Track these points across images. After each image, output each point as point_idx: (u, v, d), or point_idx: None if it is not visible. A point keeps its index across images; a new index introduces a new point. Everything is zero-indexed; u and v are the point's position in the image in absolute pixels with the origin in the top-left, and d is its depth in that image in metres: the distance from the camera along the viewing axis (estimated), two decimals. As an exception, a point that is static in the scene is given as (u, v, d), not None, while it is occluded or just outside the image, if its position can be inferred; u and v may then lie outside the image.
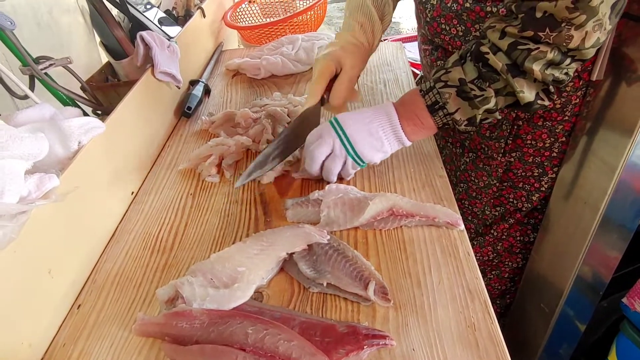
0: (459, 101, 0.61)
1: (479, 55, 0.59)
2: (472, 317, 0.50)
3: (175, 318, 0.49)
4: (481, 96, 0.60)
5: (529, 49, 0.55)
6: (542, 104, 0.60)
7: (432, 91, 0.63)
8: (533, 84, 0.58)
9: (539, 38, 0.55)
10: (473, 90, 0.60)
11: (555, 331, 1.02)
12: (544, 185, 0.86)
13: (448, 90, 0.61)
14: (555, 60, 0.55)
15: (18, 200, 0.47)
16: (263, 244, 0.57)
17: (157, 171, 0.79)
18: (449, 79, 0.61)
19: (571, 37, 0.53)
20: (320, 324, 0.49)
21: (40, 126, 0.57)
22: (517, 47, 0.56)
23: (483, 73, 0.59)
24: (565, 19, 0.52)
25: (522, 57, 0.56)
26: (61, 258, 0.54)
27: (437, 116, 0.63)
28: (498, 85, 0.59)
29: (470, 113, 0.61)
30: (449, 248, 0.59)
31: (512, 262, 1.02)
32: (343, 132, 0.65)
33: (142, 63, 0.83)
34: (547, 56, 0.55)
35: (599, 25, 0.53)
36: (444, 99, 0.62)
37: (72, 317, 0.54)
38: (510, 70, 0.57)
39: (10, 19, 0.65)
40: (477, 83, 0.60)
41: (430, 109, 0.63)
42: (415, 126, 0.65)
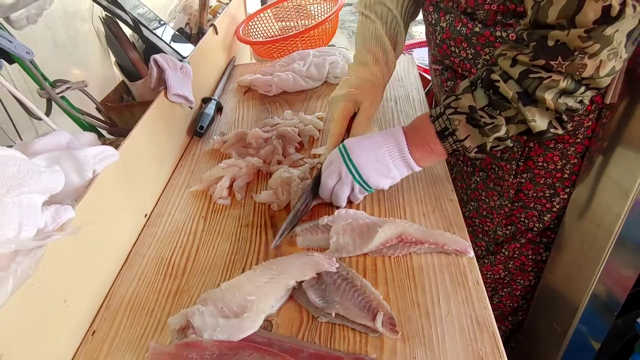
0: (469, 128, 0.60)
1: (489, 82, 0.58)
2: (481, 350, 0.50)
3: (186, 349, 0.50)
4: (491, 124, 0.59)
5: (541, 78, 0.54)
6: (555, 132, 0.59)
7: (442, 117, 0.62)
8: (545, 113, 0.57)
9: (551, 67, 0.53)
10: (483, 117, 0.59)
11: (569, 349, 1.01)
12: (556, 205, 0.85)
13: (458, 117, 0.61)
14: (568, 89, 0.54)
15: (35, 234, 0.48)
16: (273, 273, 0.58)
17: (169, 192, 0.80)
18: (459, 106, 0.61)
19: (585, 66, 0.52)
20: (329, 355, 0.49)
21: (57, 156, 0.58)
22: (528, 76, 0.55)
23: (493, 101, 0.58)
24: (578, 47, 0.51)
25: (534, 86, 0.55)
26: (76, 286, 0.55)
27: (447, 142, 0.63)
28: (509, 113, 0.58)
29: (480, 140, 0.61)
30: (458, 276, 0.59)
31: (524, 280, 1.01)
32: (349, 159, 0.65)
33: (155, 85, 0.84)
34: (559, 85, 0.54)
35: (614, 53, 0.51)
36: (454, 125, 0.61)
37: (87, 344, 0.55)
38: (521, 98, 0.56)
39: (27, 48, 0.67)
40: (488, 110, 0.59)
41: (440, 135, 0.63)
42: (425, 152, 0.65)
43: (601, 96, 0.72)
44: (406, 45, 1.98)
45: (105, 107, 0.89)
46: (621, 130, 0.73)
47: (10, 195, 0.46)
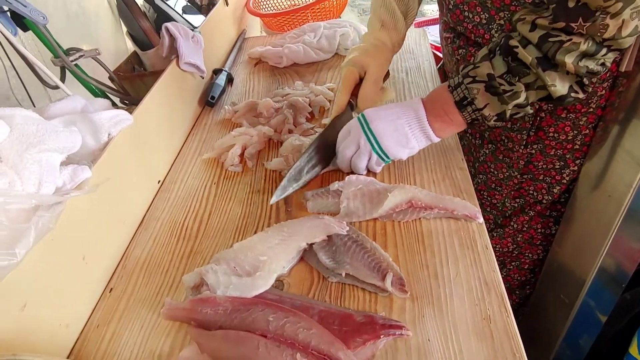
0: (487, 96, 0.59)
1: (507, 49, 0.57)
2: (488, 309, 0.51)
3: (200, 304, 0.51)
4: (510, 91, 0.58)
5: (561, 41, 0.53)
6: (576, 96, 0.57)
7: (460, 87, 0.61)
8: (566, 77, 0.56)
9: (571, 29, 0.52)
10: (502, 85, 0.58)
11: (576, 322, 1.02)
12: (565, 177, 0.85)
13: (476, 86, 0.60)
14: (589, 51, 0.53)
15: (54, 191, 0.50)
16: (284, 234, 0.59)
17: (182, 160, 0.81)
18: (477, 74, 0.60)
19: (606, 27, 0.50)
20: (339, 313, 0.51)
21: (73, 118, 0.59)
22: (548, 40, 0.54)
23: (512, 67, 0.57)
24: (600, 7, 0.49)
25: (554, 50, 0.53)
26: (94, 245, 0.57)
27: (466, 112, 0.62)
28: (528, 79, 0.57)
29: (499, 108, 0.60)
30: (467, 241, 0.59)
31: (533, 254, 1.02)
32: (369, 128, 0.65)
33: (167, 54, 0.85)
34: (580, 47, 0.52)
35: (637, 12, 0.49)
36: (473, 94, 0.60)
37: (105, 300, 0.57)
38: (540, 63, 0.55)
39: (42, 13, 0.67)
40: (507, 78, 0.58)
41: (459, 104, 0.62)
42: (444, 122, 0.64)
43: (616, 64, 0.71)
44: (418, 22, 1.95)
45: (117, 77, 0.90)
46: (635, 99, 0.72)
47: (30, 152, 0.47)
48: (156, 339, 0.51)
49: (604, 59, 0.55)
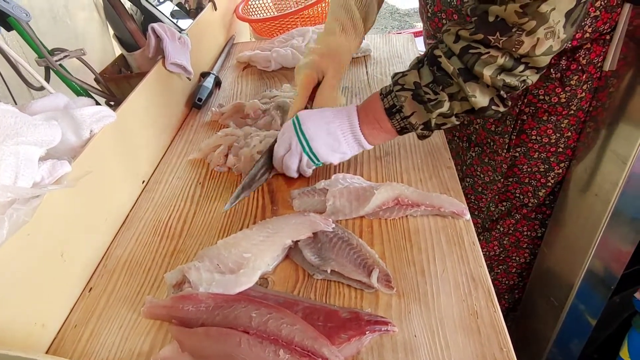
0: (414, 105, 0.60)
1: (432, 58, 0.58)
2: (475, 305, 0.50)
3: (182, 301, 0.50)
4: (435, 100, 0.59)
5: (480, 53, 0.54)
6: (497, 109, 0.58)
7: (390, 94, 0.62)
8: (486, 89, 0.57)
9: (488, 42, 0.54)
10: (427, 94, 0.59)
11: (566, 325, 1.01)
12: (550, 180, 0.85)
13: (404, 94, 0.60)
14: (507, 66, 0.54)
15: (31, 185, 0.48)
16: (269, 231, 0.58)
17: (167, 160, 0.80)
18: (406, 82, 0.60)
19: (521, 43, 0.52)
20: (324, 309, 0.50)
21: (54, 115, 0.58)
22: (468, 51, 0.55)
23: (437, 77, 0.58)
24: (516, 24, 0.51)
25: (473, 61, 0.55)
26: (73, 242, 0.55)
27: (395, 119, 0.62)
28: (452, 89, 0.58)
29: (425, 117, 0.60)
30: (454, 237, 0.59)
31: (520, 257, 1.02)
32: (301, 130, 0.65)
33: (153, 54, 0.84)
34: (497, 61, 0.54)
35: (551, 32, 0.51)
36: (400, 102, 0.61)
37: (84, 299, 0.55)
38: (461, 74, 0.56)
39: (25, 10, 0.67)
40: (432, 87, 0.59)
41: (388, 112, 0.62)
42: (374, 129, 0.64)
43: (593, 66, 0.72)
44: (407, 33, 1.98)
45: (103, 79, 0.89)
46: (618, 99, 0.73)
47: (7, 143, 0.46)
48: (136, 338, 0.50)
49: (524, 76, 0.56)
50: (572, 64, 0.72)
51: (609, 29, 0.70)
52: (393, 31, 3.79)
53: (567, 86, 0.74)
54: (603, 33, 0.70)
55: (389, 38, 1.18)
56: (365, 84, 0.98)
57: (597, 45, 0.71)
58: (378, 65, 1.05)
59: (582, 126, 0.79)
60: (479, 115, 0.59)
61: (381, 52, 1.11)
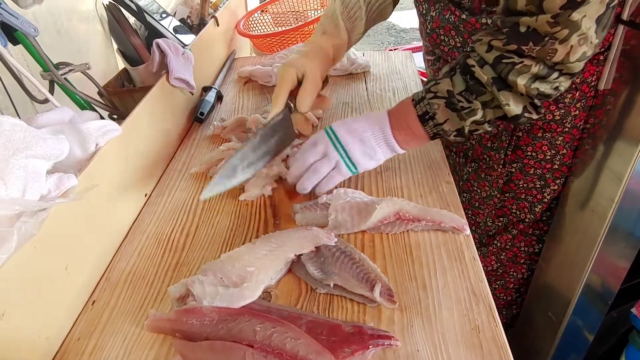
0: (447, 112, 0.62)
1: (466, 67, 0.60)
2: (477, 319, 0.51)
3: (185, 315, 0.50)
4: (468, 108, 0.60)
5: (513, 63, 0.56)
6: (530, 117, 0.60)
7: (423, 101, 0.63)
8: (519, 98, 0.58)
9: (522, 52, 0.55)
10: (461, 102, 0.60)
11: (563, 341, 1.02)
12: (547, 197, 0.87)
13: (437, 102, 0.62)
14: (541, 74, 0.55)
15: (39, 198, 0.49)
16: (272, 245, 0.58)
17: (170, 174, 0.81)
18: (439, 90, 0.62)
19: (555, 51, 0.53)
20: (327, 323, 0.50)
21: (60, 128, 0.59)
22: (501, 61, 0.56)
23: (470, 85, 0.59)
24: (548, 33, 0.52)
25: (507, 71, 0.56)
26: (77, 255, 0.56)
27: (428, 126, 0.64)
28: (485, 97, 0.59)
29: (458, 124, 0.62)
30: (454, 252, 0.60)
31: (517, 273, 1.02)
32: (337, 139, 0.66)
33: (157, 69, 0.85)
34: (531, 70, 0.55)
35: (584, 39, 0.52)
36: (434, 109, 0.62)
37: (87, 312, 0.55)
38: (495, 83, 0.57)
39: (33, 26, 0.68)
40: (465, 95, 0.60)
41: (421, 119, 0.64)
42: (407, 135, 0.66)
43: (587, 85, 0.74)
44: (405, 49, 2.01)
45: (107, 93, 0.90)
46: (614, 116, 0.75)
47: (16, 157, 0.47)
48: (139, 352, 0.50)
49: (557, 83, 0.57)
50: None
51: (601, 49, 0.72)
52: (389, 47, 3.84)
53: (561, 103, 0.75)
54: (596, 53, 0.72)
55: (388, 55, 1.20)
56: (365, 100, 0.99)
57: (591, 64, 0.73)
58: (377, 82, 1.06)
59: (577, 143, 0.81)
60: (512, 122, 0.61)
61: (380, 68, 1.13)
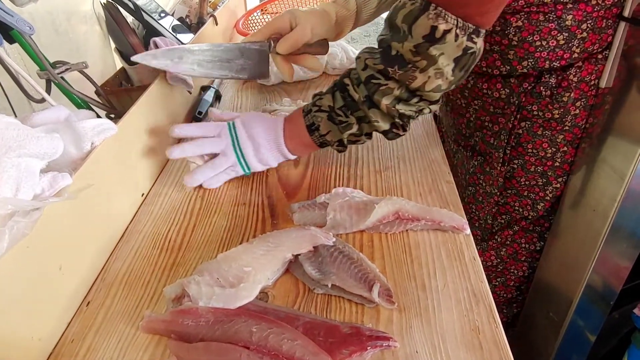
0: (329, 125, 0.66)
1: (342, 86, 0.65)
2: (477, 320, 0.50)
3: (181, 316, 0.50)
4: (345, 122, 0.65)
5: (379, 84, 0.60)
6: (397, 132, 0.65)
7: (310, 113, 0.68)
8: (386, 116, 0.63)
9: (388, 73, 0.59)
10: (339, 116, 0.65)
11: (565, 341, 1.01)
12: (549, 194, 0.86)
13: (321, 115, 0.66)
14: (402, 96, 0.60)
15: (32, 197, 0.48)
16: (269, 245, 0.58)
17: (167, 174, 0.80)
18: (322, 105, 0.67)
19: (415, 78, 0.57)
20: (324, 324, 0.49)
21: (55, 127, 0.58)
22: (371, 80, 0.60)
23: (347, 102, 0.64)
24: (411, 60, 0.56)
25: (373, 90, 0.60)
26: (72, 256, 0.55)
27: (314, 136, 0.68)
28: (359, 114, 0.64)
29: (338, 136, 0.67)
30: (454, 252, 0.59)
31: (518, 270, 1.02)
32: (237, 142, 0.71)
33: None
34: (394, 92, 0.59)
35: (440, 73, 0.56)
36: (318, 122, 0.67)
37: (81, 313, 0.55)
38: (366, 101, 0.62)
39: (29, 24, 0.67)
40: (343, 110, 0.65)
41: (309, 129, 0.68)
42: (298, 144, 0.71)
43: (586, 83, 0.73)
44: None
45: (104, 92, 0.89)
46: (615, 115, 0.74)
47: (9, 155, 0.46)
48: (134, 354, 0.49)
49: (419, 107, 0.62)
50: (562, 81, 0.73)
51: (599, 49, 0.71)
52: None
53: (558, 103, 0.75)
54: (594, 52, 0.71)
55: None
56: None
57: (589, 63, 0.72)
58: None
59: (578, 142, 0.80)
60: (384, 136, 0.66)
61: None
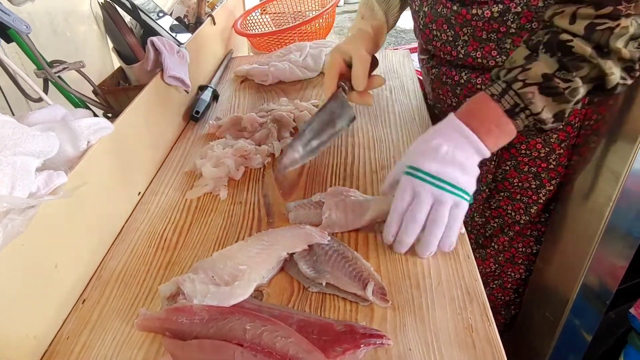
0: (543, 98, 0.55)
1: (559, 44, 0.54)
2: (470, 318, 0.50)
3: (175, 313, 0.50)
4: (568, 88, 0.54)
5: (610, 28, 0.51)
6: (625, 83, 0.55)
7: (508, 93, 0.56)
8: (618, 64, 0.54)
9: (619, 12, 0.51)
10: (559, 83, 0.54)
11: (561, 341, 1.01)
12: (542, 197, 0.86)
13: (530, 90, 0.55)
14: (636, 34, 0.51)
15: (27, 195, 0.48)
16: (264, 244, 0.58)
17: (164, 172, 0.80)
18: (529, 77, 0.55)
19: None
20: (318, 322, 0.49)
21: (51, 126, 0.58)
22: (596, 29, 0.52)
23: (565, 63, 0.53)
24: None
25: (606, 37, 0.51)
26: (67, 254, 0.55)
27: (519, 119, 0.57)
28: (583, 72, 0.54)
29: (557, 108, 0.55)
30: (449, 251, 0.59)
31: (515, 273, 1.02)
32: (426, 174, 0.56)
33: (152, 67, 0.85)
34: (629, 31, 0.51)
35: None
36: (527, 99, 0.55)
37: (77, 311, 0.55)
38: (597, 53, 0.52)
39: (26, 22, 0.67)
40: (561, 75, 0.54)
41: (510, 112, 0.56)
42: (495, 137, 0.58)
43: None
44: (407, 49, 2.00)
45: (102, 91, 0.89)
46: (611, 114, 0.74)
47: (5, 153, 0.46)
48: (128, 351, 0.49)
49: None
50: None
51: None
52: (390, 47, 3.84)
53: None
54: None
55: (386, 54, 1.20)
56: (361, 99, 0.99)
57: None
58: (374, 80, 1.06)
59: (572, 142, 0.80)
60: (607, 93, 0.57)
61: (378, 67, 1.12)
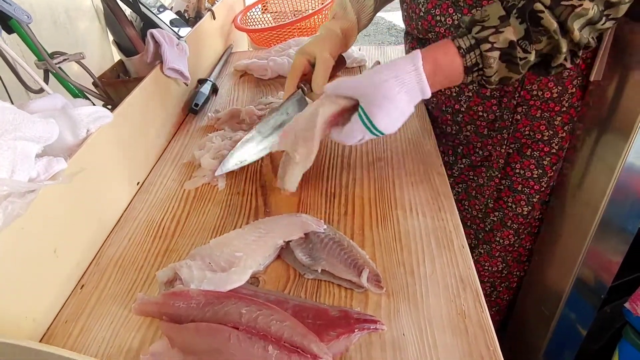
0: (500, 64, 0.55)
1: (531, 13, 0.52)
2: (463, 305, 0.51)
3: (173, 298, 0.50)
4: (525, 59, 0.54)
5: (573, 5, 0.51)
6: (564, 66, 0.56)
7: (473, 51, 0.55)
8: (568, 44, 0.54)
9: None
10: (519, 52, 0.54)
11: (556, 336, 1.02)
12: (544, 186, 0.86)
13: (493, 54, 0.54)
14: (594, 18, 0.52)
15: (27, 180, 0.49)
16: (261, 231, 0.59)
17: (162, 163, 0.81)
18: (498, 41, 0.54)
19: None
20: (313, 307, 0.50)
21: (51, 114, 0.59)
22: (561, 2, 0.51)
23: (530, 33, 0.53)
24: None
25: (566, 14, 0.51)
26: (67, 239, 0.56)
27: (471, 76, 0.57)
28: (540, 46, 0.54)
29: (507, 75, 0.56)
30: (444, 241, 0.60)
31: (520, 272, 1.03)
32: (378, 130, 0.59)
33: (151, 60, 0.86)
34: (588, 14, 0.51)
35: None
36: (488, 63, 0.55)
37: (75, 296, 0.56)
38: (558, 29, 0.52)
39: (27, 12, 0.68)
40: (523, 44, 0.54)
41: (467, 70, 0.56)
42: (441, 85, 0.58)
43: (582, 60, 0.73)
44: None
45: (102, 83, 0.90)
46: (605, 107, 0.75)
47: (5, 138, 0.47)
48: (126, 334, 0.50)
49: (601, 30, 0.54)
50: None
51: None
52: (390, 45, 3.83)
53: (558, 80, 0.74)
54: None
55: (384, 49, 1.20)
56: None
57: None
58: (373, 75, 1.06)
59: (574, 126, 0.80)
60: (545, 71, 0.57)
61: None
